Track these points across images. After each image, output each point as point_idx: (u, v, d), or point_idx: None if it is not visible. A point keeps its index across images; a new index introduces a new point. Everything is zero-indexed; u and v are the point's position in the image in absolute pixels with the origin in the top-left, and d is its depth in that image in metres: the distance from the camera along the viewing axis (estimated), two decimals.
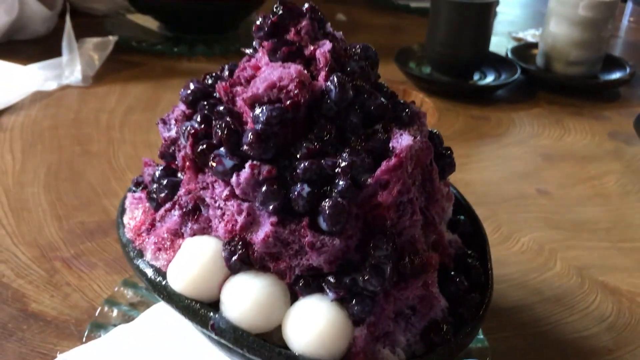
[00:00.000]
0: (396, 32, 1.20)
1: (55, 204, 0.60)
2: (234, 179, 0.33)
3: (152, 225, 0.37)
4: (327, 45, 0.36)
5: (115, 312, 0.46)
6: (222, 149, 0.34)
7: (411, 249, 0.35)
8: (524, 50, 1.02)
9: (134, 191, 0.43)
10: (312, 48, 0.37)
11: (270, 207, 0.33)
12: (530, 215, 0.65)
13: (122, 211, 0.41)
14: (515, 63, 0.95)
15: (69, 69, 0.86)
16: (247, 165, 0.33)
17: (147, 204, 0.38)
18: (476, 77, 0.94)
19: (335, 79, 0.35)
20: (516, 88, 0.95)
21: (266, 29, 0.37)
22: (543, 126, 0.85)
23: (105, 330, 0.44)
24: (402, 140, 0.35)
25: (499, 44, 1.12)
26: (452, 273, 0.38)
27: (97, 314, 0.46)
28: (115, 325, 0.45)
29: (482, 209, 0.64)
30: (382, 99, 0.36)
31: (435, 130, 0.40)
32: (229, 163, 0.34)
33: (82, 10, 1.08)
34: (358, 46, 0.38)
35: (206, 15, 0.97)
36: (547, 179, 0.72)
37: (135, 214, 0.39)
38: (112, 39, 0.92)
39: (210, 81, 0.39)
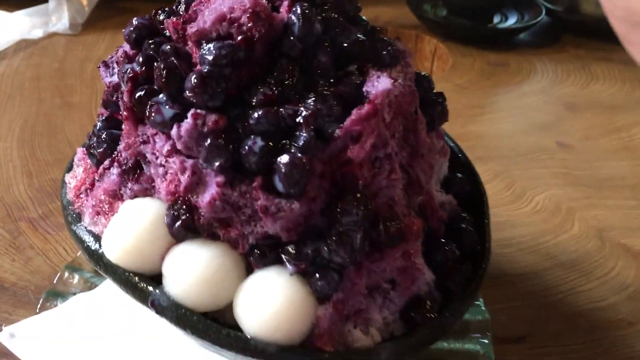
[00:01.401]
0: None
1: (28, 159, 0.56)
2: (174, 131, 0.28)
3: (92, 185, 0.32)
4: None
5: (76, 279, 0.42)
6: (162, 95, 0.29)
7: (388, 213, 0.29)
8: None
9: (89, 146, 0.38)
10: None
11: (216, 164, 0.27)
12: (548, 171, 0.58)
13: (70, 168, 0.36)
14: (540, 3, 0.86)
15: (56, 15, 0.80)
16: (189, 114, 0.28)
17: (89, 161, 0.33)
18: (496, 19, 0.86)
19: (299, 10, 0.29)
20: (539, 31, 0.87)
21: None
22: (567, 72, 0.77)
23: (63, 299, 0.40)
24: (379, 84, 0.29)
25: None
26: (442, 240, 0.32)
27: (55, 281, 0.42)
28: (74, 294, 0.41)
29: (494, 164, 0.59)
30: (358, 35, 0.30)
31: (425, 73, 0.34)
32: (168, 112, 0.28)
33: None
34: None
35: None
36: (569, 131, 0.65)
37: (77, 171, 0.34)
38: None
39: (162, 16, 0.34)
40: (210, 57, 0.28)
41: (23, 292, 0.42)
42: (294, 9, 0.29)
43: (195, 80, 0.28)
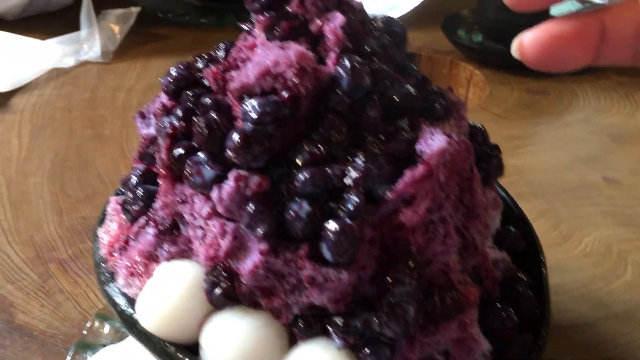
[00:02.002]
0: None
1: (58, 195, 0.55)
2: (214, 193, 0.26)
3: (127, 243, 0.30)
4: (339, 18, 0.28)
5: (106, 329, 0.40)
6: (201, 153, 0.27)
7: (443, 280, 0.27)
8: None
9: (120, 193, 0.37)
10: (319, 22, 0.29)
11: (260, 231, 0.25)
12: (595, 209, 0.55)
13: (102, 219, 0.34)
14: None
15: (88, 43, 0.80)
16: (231, 175, 0.26)
17: (123, 216, 0.32)
18: None
19: (347, 63, 0.27)
20: None
21: (263, 0, 0.29)
22: (610, 101, 0.74)
23: (93, 351, 0.39)
24: (433, 142, 0.27)
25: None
26: (498, 305, 0.30)
27: (85, 331, 0.40)
28: (105, 346, 0.39)
29: (538, 202, 0.56)
30: (409, 87, 0.29)
31: (478, 125, 0.32)
32: (208, 173, 0.27)
33: None
34: (380, 18, 0.30)
35: None
36: (615, 165, 0.62)
37: (110, 226, 0.32)
38: (135, 10, 0.86)
39: (201, 64, 0.32)
40: (253, 115, 0.26)
41: (52, 340, 0.41)
42: (341, 61, 0.28)
43: (238, 140, 0.26)
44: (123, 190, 0.37)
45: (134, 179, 0.31)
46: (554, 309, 0.45)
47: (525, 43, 0.27)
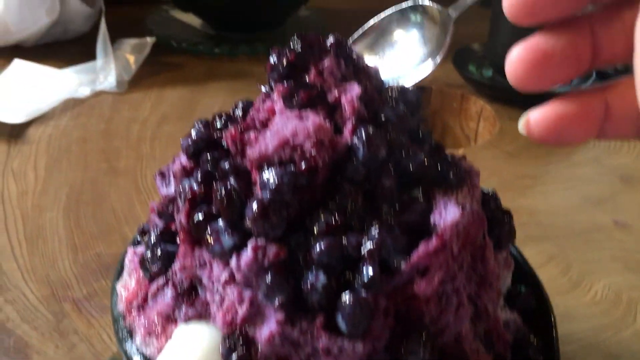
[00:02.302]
0: (455, 28, 1.10)
1: (73, 231, 0.55)
2: (233, 262, 0.27)
3: (145, 300, 0.31)
4: (356, 89, 0.29)
5: None
6: (220, 221, 0.28)
7: (456, 350, 0.28)
8: None
9: (137, 243, 0.37)
10: (337, 92, 0.30)
11: (277, 301, 0.26)
12: (605, 254, 0.56)
13: (120, 271, 0.35)
14: None
15: (103, 73, 0.81)
16: (249, 244, 0.27)
17: (141, 272, 0.32)
18: None
19: (364, 134, 0.28)
20: None
21: (281, 69, 0.30)
22: (621, 141, 0.75)
23: None
24: (447, 214, 0.27)
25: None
26: None
27: None
28: None
29: (548, 245, 0.56)
30: (423, 156, 0.29)
31: (489, 190, 0.33)
32: (227, 242, 0.27)
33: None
34: (396, 87, 0.31)
35: (250, 7, 0.91)
36: (625, 207, 0.62)
37: (128, 281, 0.33)
38: (150, 40, 0.87)
39: (219, 124, 0.33)
40: (272, 184, 0.27)
41: None
42: (357, 131, 0.28)
43: (257, 210, 0.27)
44: (140, 240, 0.38)
45: (153, 237, 0.32)
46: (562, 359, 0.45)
47: (532, 121, 0.27)
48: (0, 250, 0.53)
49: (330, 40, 0.31)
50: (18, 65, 0.82)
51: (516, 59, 0.26)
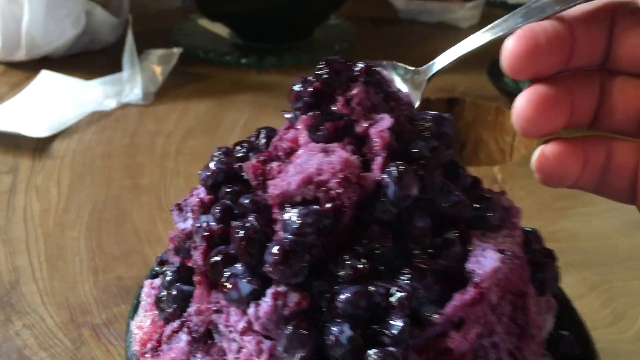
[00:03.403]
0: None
1: (95, 252, 0.54)
2: (251, 310, 0.25)
3: (159, 343, 0.29)
4: (386, 121, 0.27)
5: None
6: (239, 265, 0.26)
7: None
8: None
9: (156, 274, 0.36)
10: (365, 124, 0.27)
11: (297, 356, 0.24)
12: None
13: (136, 306, 0.34)
14: None
15: (129, 85, 0.80)
16: (268, 292, 0.25)
17: (157, 312, 0.31)
18: None
19: (395, 171, 0.26)
20: None
21: (306, 98, 0.28)
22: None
23: None
24: (485, 260, 0.25)
25: None
26: None
27: None
28: None
29: (589, 273, 0.53)
30: (459, 195, 0.27)
31: (532, 230, 0.30)
32: (245, 288, 0.25)
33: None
34: (429, 117, 0.28)
35: (279, 16, 0.89)
36: None
37: (144, 320, 0.31)
38: (177, 50, 0.86)
39: (240, 153, 0.31)
40: (294, 226, 0.25)
41: None
42: (388, 168, 0.26)
43: (277, 255, 0.25)
44: (158, 270, 0.36)
45: (169, 275, 0.30)
46: None
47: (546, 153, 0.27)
48: (21, 272, 0.52)
49: (359, 66, 0.28)
50: (45, 76, 0.82)
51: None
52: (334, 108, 0.28)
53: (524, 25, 0.27)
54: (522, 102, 0.27)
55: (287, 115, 0.31)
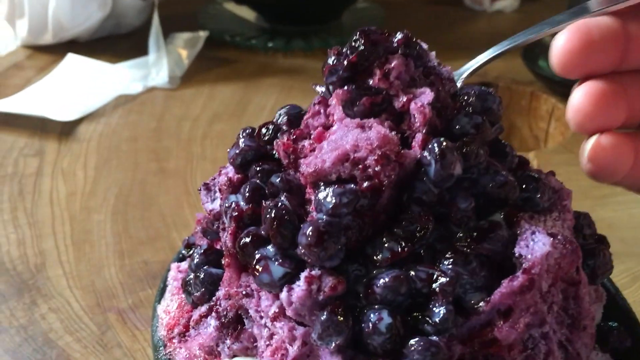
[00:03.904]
0: (524, 19, 1.03)
1: (121, 236, 0.53)
2: (284, 295, 0.24)
3: (187, 328, 0.28)
4: (427, 95, 0.25)
5: None
6: (270, 247, 0.24)
7: None
8: None
9: (182, 257, 0.34)
10: (405, 98, 0.26)
11: (333, 344, 0.22)
12: None
13: (163, 289, 0.32)
14: None
15: (155, 69, 0.80)
16: (302, 276, 0.23)
17: (184, 296, 0.29)
18: None
19: (437, 148, 0.24)
20: None
21: (341, 71, 0.26)
22: None
23: None
24: (535, 245, 0.23)
25: None
26: None
27: None
28: None
29: (632, 263, 0.51)
30: (505, 174, 0.25)
31: (583, 214, 0.28)
32: (277, 271, 0.24)
33: None
34: (473, 91, 0.26)
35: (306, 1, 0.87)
36: None
37: (170, 304, 0.30)
38: (203, 34, 0.85)
39: (267, 135, 0.29)
40: (329, 206, 0.23)
41: None
42: (429, 146, 0.24)
43: (311, 237, 0.23)
44: (185, 253, 0.35)
45: (196, 257, 0.29)
46: None
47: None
48: (47, 255, 0.51)
49: (398, 37, 0.26)
50: (71, 59, 0.81)
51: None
52: (370, 82, 0.26)
53: (576, 20, 0.26)
54: (580, 96, 0.26)
55: (319, 89, 0.29)
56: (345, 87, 0.26)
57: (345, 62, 0.26)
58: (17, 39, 0.86)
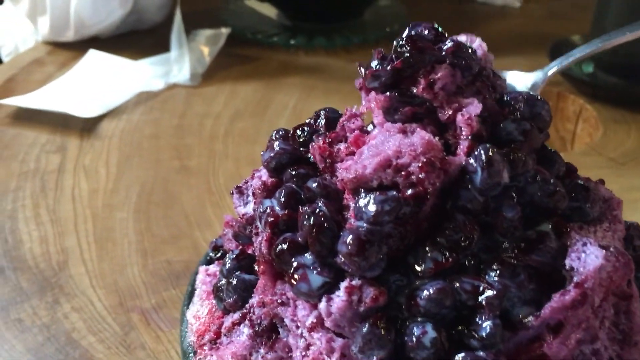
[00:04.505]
0: (551, 18, 1.01)
1: (144, 234, 0.53)
2: (323, 305, 0.23)
3: (218, 335, 0.27)
4: (475, 106, 0.24)
5: None
6: (308, 255, 0.24)
7: None
8: None
9: (210, 259, 0.34)
10: (450, 111, 0.24)
11: (374, 358, 0.22)
12: None
13: (191, 293, 0.32)
14: None
15: (177, 65, 0.79)
16: (342, 286, 0.22)
17: (214, 301, 0.29)
18: None
19: (483, 155, 0.23)
20: None
21: (384, 78, 0.25)
22: None
23: None
24: (587, 257, 0.22)
25: None
26: None
27: None
28: None
29: None
30: (554, 183, 0.24)
31: (631, 223, 0.27)
32: (316, 280, 0.23)
33: None
34: (521, 96, 0.25)
35: None
36: None
37: (200, 309, 0.29)
38: (225, 31, 0.84)
39: (302, 137, 0.28)
40: (370, 213, 0.23)
41: None
42: (476, 152, 0.23)
43: (352, 245, 0.22)
44: (213, 256, 0.34)
45: (228, 262, 0.28)
46: None
47: None
48: (70, 253, 0.51)
49: (448, 44, 0.25)
50: (93, 55, 0.81)
51: None
52: (414, 90, 0.25)
53: None
54: None
55: (359, 91, 0.28)
56: (388, 93, 0.25)
57: (389, 68, 0.25)
58: (38, 35, 0.86)
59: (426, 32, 0.27)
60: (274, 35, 0.89)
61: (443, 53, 0.25)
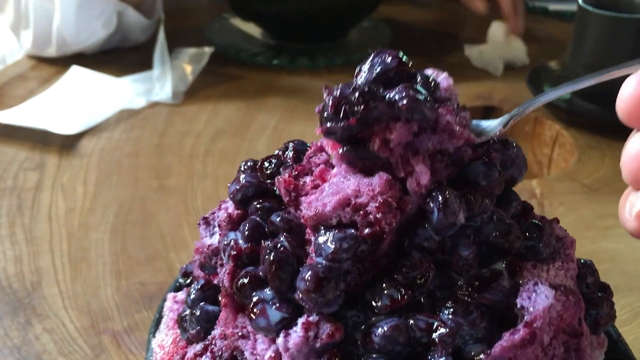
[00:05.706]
0: (530, 42, 1.03)
1: (119, 255, 0.53)
2: (280, 340, 0.23)
3: None
4: (424, 175, 0.24)
5: None
6: (268, 290, 0.24)
7: None
8: None
9: (179, 286, 0.34)
10: (403, 172, 0.25)
11: None
12: None
13: (158, 321, 0.32)
14: None
15: (159, 83, 0.79)
16: (299, 322, 0.23)
17: (179, 331, 0.29)
18: None
19: (440, 197, 0.24)
20: None
21: (339, 134, 0.25)
22: None
23: None
24: (538, 297, 0.23)
25: None
26: None
27: None
28: None
29: (634, 298, 0.50)
30: (510, 223, 0.25)
31: (588, 262, 0.28)
32: (275, 316, 0.23)
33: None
34: (497, 144, 0.26)
35: (313, 17, 0.87)
36: None
37: (165, 339, 0.30)
38: (208, 50, 0.85)
39: (269, 169, 0.29)
40: (329, 251, 0.23)
41: None
42: (432, 193, 0.24)
43: (310, 282, 0.23)
44: (182, 283, 0.34)
45: (193, 292, 0.28)
46: None
47: None
48: (44, 273, 0.51)
49: (403, 102, 0.24)
50: (75, 72, 0.81)
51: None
52: (370, 147, 0.25)
53: None
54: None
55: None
56: (345, 148, 0.25)
57: (344, 124, 0.24)
58: (21, 49, 0.86)
59: (389, 60, 0.27)
60: (258, 54, 0.90)
61: (400, 110, 0.24)
